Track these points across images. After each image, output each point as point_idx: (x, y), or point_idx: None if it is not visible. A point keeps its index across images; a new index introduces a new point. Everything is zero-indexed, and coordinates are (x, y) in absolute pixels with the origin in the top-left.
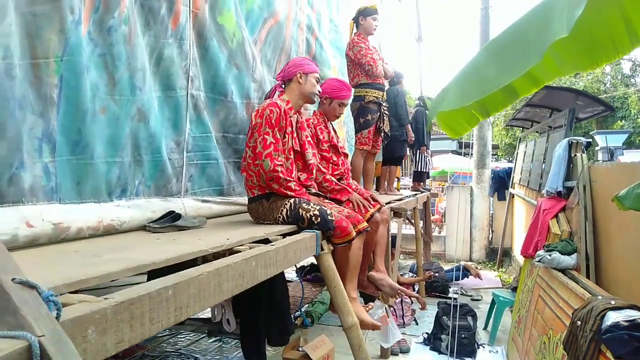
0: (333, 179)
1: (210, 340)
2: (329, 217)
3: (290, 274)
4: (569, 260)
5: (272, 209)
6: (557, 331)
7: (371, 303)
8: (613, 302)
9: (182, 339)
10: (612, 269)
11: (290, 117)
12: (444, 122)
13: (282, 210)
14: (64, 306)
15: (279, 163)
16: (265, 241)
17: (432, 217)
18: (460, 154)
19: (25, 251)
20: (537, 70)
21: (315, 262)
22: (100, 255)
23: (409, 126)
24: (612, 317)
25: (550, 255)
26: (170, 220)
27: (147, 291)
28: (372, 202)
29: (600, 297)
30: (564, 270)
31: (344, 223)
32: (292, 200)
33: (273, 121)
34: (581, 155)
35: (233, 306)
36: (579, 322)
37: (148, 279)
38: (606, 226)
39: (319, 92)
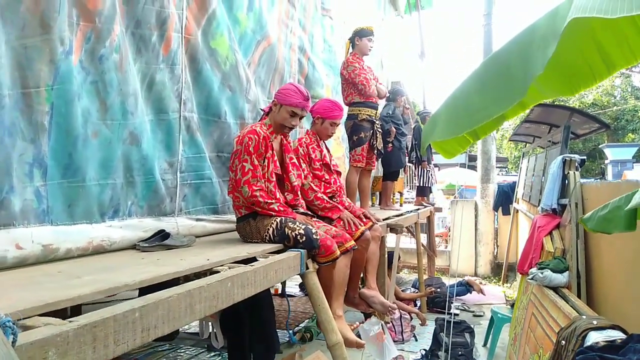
0: (325, 197)
1: (210, 355)
2: (314, 236)
3: (294, 289)
4: (561, 278)
5: (259, 227)
6: (546, 350)
7: (368, 319)
8: (595, 322)
9: (182, 354)
10: (601, 287)
11: (270, 141)
12: (438, 145)
13: (268, 229)
14: (29, 329)
15: (257, 188)
16: (251, 260)
17: (438, 232)
18: (469, 167)
19: (11, 272)
20: None
21: None
22: (80, 276)
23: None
24: (593, 337)
25: (542, 273)
26: (160, 240)
27: (112, 314)
28: (364, 220)
29: (584, 317)
30: (556, 288)
31: (328, 242)
32: (278, 219)
33: (251, 148)
34: (574, 172)
35: (220, 322)
36: (563, 342)
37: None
38: (597, 244)
39: (292, 126)
